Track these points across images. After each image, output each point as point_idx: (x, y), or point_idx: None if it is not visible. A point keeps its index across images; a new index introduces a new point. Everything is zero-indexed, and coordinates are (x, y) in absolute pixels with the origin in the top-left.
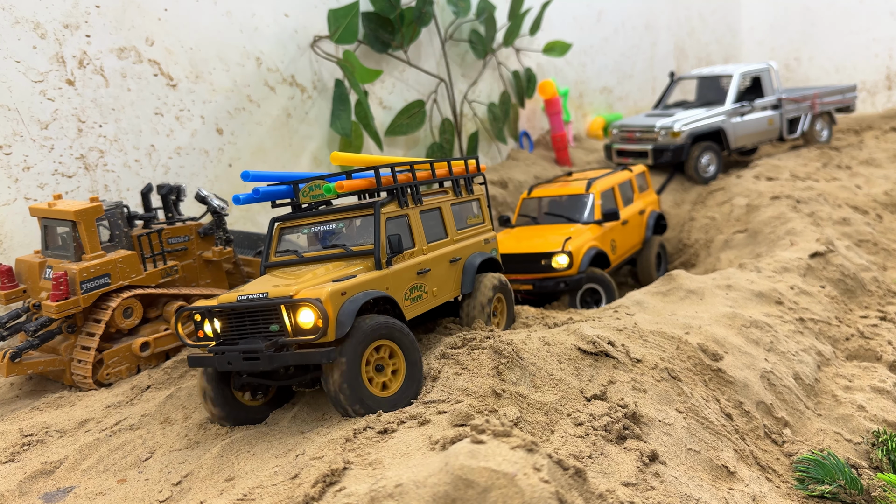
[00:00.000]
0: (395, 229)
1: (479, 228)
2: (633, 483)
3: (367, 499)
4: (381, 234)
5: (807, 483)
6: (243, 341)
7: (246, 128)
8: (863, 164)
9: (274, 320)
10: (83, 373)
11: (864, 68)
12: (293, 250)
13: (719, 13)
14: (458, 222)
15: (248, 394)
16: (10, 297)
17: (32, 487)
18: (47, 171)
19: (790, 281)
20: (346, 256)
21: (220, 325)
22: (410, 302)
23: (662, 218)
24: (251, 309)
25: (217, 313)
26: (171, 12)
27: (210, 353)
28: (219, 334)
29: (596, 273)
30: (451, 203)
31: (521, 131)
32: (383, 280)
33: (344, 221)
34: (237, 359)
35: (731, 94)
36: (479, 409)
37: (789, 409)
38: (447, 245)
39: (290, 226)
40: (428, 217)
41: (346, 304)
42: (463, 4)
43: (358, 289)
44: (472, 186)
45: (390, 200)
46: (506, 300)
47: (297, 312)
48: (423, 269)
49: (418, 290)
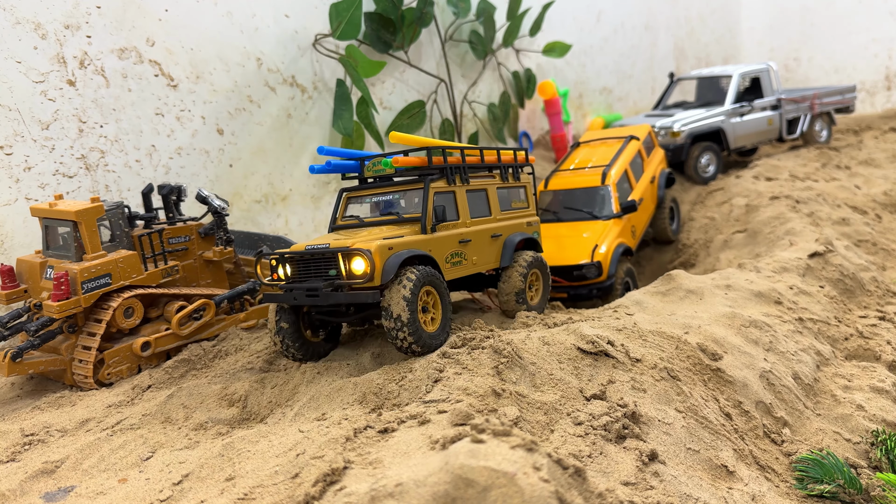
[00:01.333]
0: (442, 202)
1: (524, 212)
2: (632, 482)
3: (368, 498)
4: (428, 204)
5: (806, 482)
6: (307, 282)
7: (246, 128)
8: (862, 165)
9: (333, 266)
10: (84, 372)
11: (864, 69)
12: (356, 216)
13: (719, 13)
14: (502, 204)
15: (310, 331)
16: (11, 297)
17: (33, 487)
18: (48, 171)
19: (789, 281)
20: (399, 222)
21: (291, 269)
22: (451, 265)
23: (671, 174)
24: (315, 256)
25: (289, 259)
26: (172, 13)
27: (281, 291)
28: (289, 277)
29: (628, 269)
30: (497, 186)
31: (520, 132)
32: (427, 243)
33: (400, 193)
34: (301, 294)
35: (731, 94)
36: (479, 409)
37: (788, 408)
38: (490, 222)
39: (355, 195)
40: (474, 196)
41: (392, 257)
42: (463, 5)
43: (403, 246)
44: (519, 175)
45: (440, 178)
46: (542, 276)
47: (352, 261)
48: (465, 239)
49: (458, 257)
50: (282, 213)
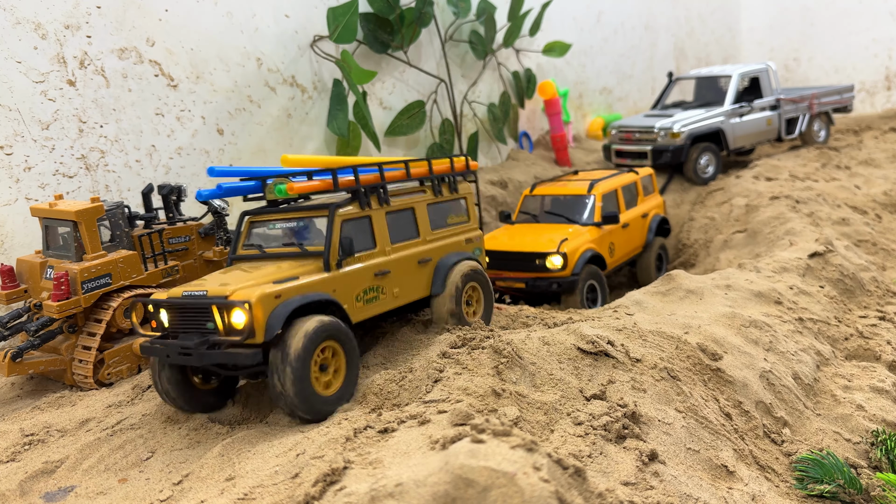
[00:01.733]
0: (354, 230)
1: (462, 227)
2: (632, 482)
3: (368, 498)
4: (333, 237)
5: (806, 482)
6: (183, 335)
7: (246, 128)
8: (862, 165)
9: (210, 318)
10: (84, 372)
11: (864, 68)
12: (258, 245)
13: (719, 13)
14: (434, 222)
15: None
16: (11, 297)
17: (33, 487)
18: (48, 171)
19: (789, 281)
20: (301, 256)
21: (168, 317)
22: (363, 304)
23: (666, 222)
24: (191, 306)
25: (165, 306)
26: (172, 13)
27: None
28: (165, 327)
29: (594, 271)
30: (427, 203)
31: (520, 132)
32: (330, 282)
33: (304, 220)
34: (175, 353)
35: (730, 94)
36: (479, 409)
37: (788, 408)
38: (417, 245)
39: (258, 220)
40: (396, 218)
41: (279, 307)
42: (463, 5)
43: (297, 291)
44: (457, 185)
45: (351, 202)
46: (482, 289)
47: (231, 313)
48: (382, 271)
49: (374, 292)
50: None
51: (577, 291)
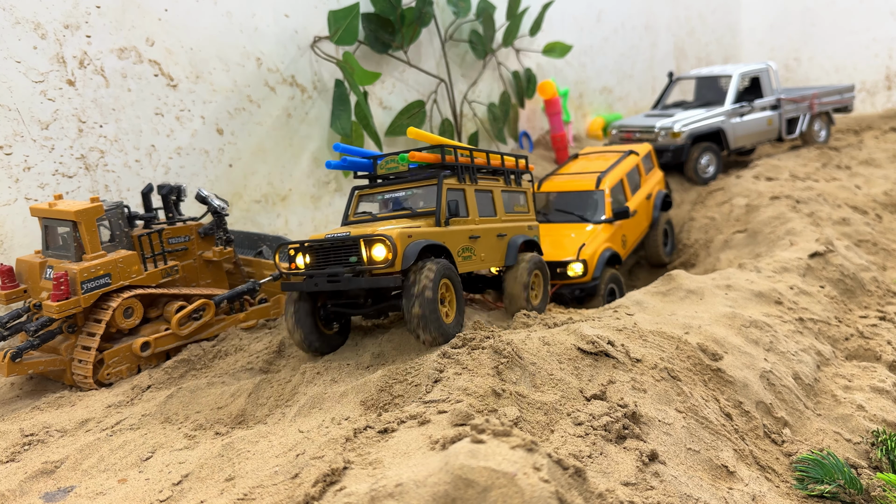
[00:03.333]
0: (453, 198)
1: (524, 216)
2: (632, 482)
3: (368, 498)
4: (442, 199)
5: (806, 483)
6: (328, 269)
7: (246, 128)
8: (862, 165)
9: (354, 253)
10: (84, 372)
11: (864, 68)
12: (368, 212)
13: (719, 13)
14: (506, 206)
15: (323, 324)
16: (10, 297)
17: (33, 487)
18: (48, 171)
19: (790, 281)
20: (412, 216)
21: (310, 258)
22: (462, 259)
23: (668, 196)
24: (336, 244)
25: (308, 248)
26: (172, 13)
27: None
28: (308, 266)
29: (614, 276)
30: (501, 189)
31: (520, 131)
32: (442, 235)
33: (412, 190)
34: (322, 280)
35: (731, 94)
36: (479, 409)
37: (789, 408)
38: (495, 222)
39: (367, 193)
40: (481, 196)
41: (411, 245)
42: (463, 5)
43: (421, 236)
44: (520, 180)
45: (451, 175)
46: (542, 278)
47: (373, 247)
48: (475, 235)
49: (469, 251)
50: (281, 213)
51: (599, 295)
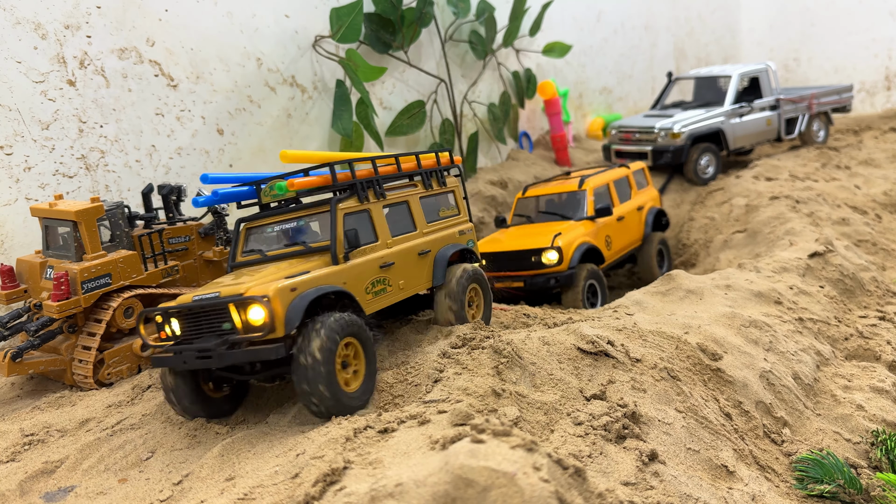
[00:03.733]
0: (355, 224)
1: (454, 220)
2: (632, 482)
3: (368, 498)
4: (337, 230)
5: (806, 482)
6: (199, 340)
7: (246, 128)
8: (862, 165)
9: (226, 318)
10: (84, 372)
11: (864, 68)
12: (258, 249)
13: (719, 13)
14: (428, 215)
15: (212, 385)
16: (11, 297)
17: (33, 487)
18: (48, 171)
19: (789, 281)
20: (306, 253)
21: (179, 325)
22: (373, 296)
23: (663, 214)
24: (204, 308)
25: (175, 314)
26: (172, 13)
27: (170, 354)
28: (177, 335)
29: (594, 270)
30: (419, 196)
31: (520, 132)
32: (340, 275)
33: (304, 219)
34: (192, 357)
35: (731, 94)
36: (479, 409)
37: (788, 408)
38: (415, 238)
39: (255, 225)
40: (394, 211)
41: (296, 300)
42: (463, 5)
43: (310, 284)
44: (444, 179)
45: (349, 196)
46: (482, 290)
47: (248, 310)
48: (387, 263)
49: (382, 284)
50: None
51: (577, 288)
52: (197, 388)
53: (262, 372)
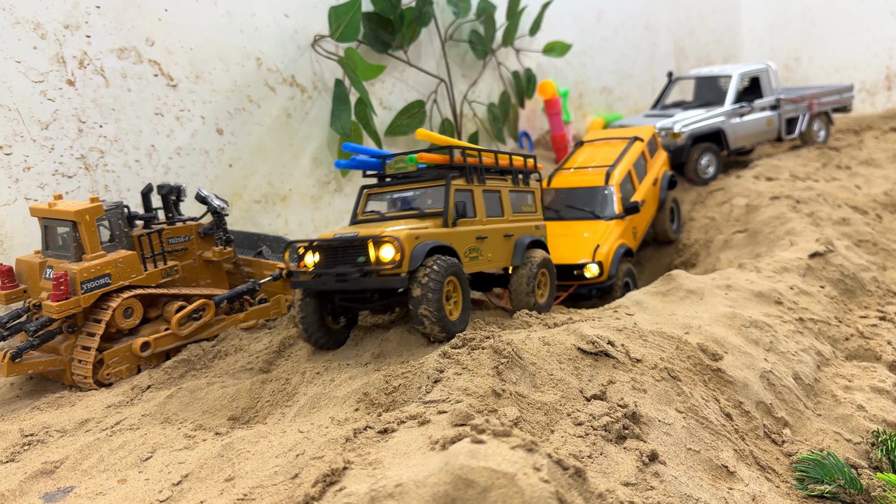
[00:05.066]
0: (461, 199)
1: (532, 216)
2: (632, 483)
3: (368, 498)
4: (450, 200)
5: (806, 483)
6: (337, 268)
7: (246, 128)
8: (862, 165)
9: (362, 253)
10: (83, 373)
11: (864, 68)
12: (377, 211)
13: (719, 13)
14: (513, 206)
15: (331, 318)
16: (10, 297)
17: (33, 487)
18: (48, 171)
19: (790, 281)
20: (420, 216)
21: (319, 257)
22: (469, 259)
23: (674, 176)
24: (344, 244)
25: (317, 247)
26: (172, 13)
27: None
28: (317, 265)
29: (628, 270)
30: (508, 189)
31: (520, 131)
32: (449, 235)
33: (420, 190)
34: (331, 280)
35: (731, 94)
36: (479, 409)
37: (789, 408)
38: (503, 222)
39: (376, 192)
40: (489, 196)
41: (419, 246)
42: (463, 5)
43: (429, 237)
44: (528, 180)
45: (459, 176)
46: (549, 275)
47: (381, 248)
48: (482, 236)
49: (475, 252)
50: (281, 213)
51: (616, 291)
52: (321, 320)
53: (379, 302)
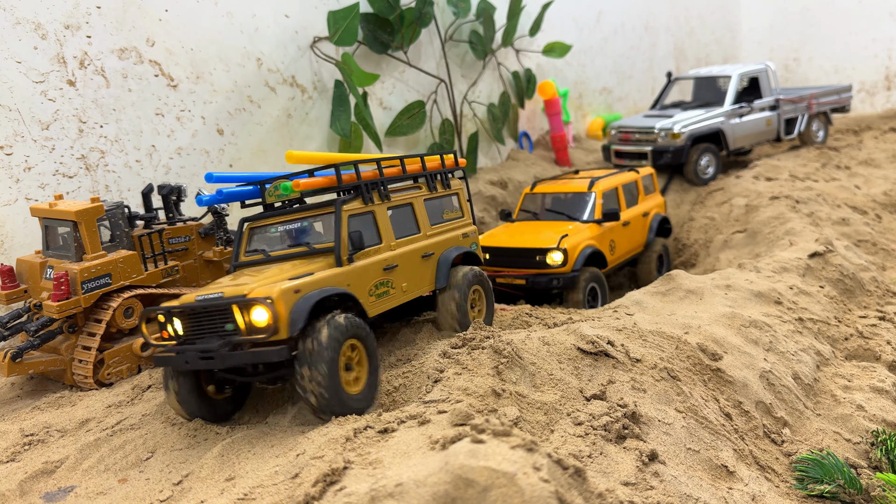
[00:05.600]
0: (359, 226)
1: (458, 223)
2: (632, 482)
3: (368, 498)
4: (342, 232)
5: (806, 483)
6: (201, 340)
7: (246, 128)
8: (862, 165)
9: (229, 319)
10: (84, 372)
11: (864, 69)
12: (261, 249)
13: (719, 13)
14: (432, 217)
15: (214, 388)
16: (11, 297)
17: (33, 487)
18: (48, 171)
19: (789, 281)
20: (309, 254)
21: (182, 325)
22: (375, 298)
23: (667, 221)
24: (207, 309)
25: (178, 313)
26: (172, 13)
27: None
28: (180, 334)
29: (595, 274)
30: (424, 198)
31: (520, 132)
32: (344, 277)
33: (308, 220)
34: (194, 358)
35: (730, 94)
36: (479, 409)
37: (788, 408)
38: (419, 240)
39: (258, 225)
40: (398, 213)
41: (300, 301)
42: (463, 5)
43: (314, 286)
44: (449, 181)
45: (354, 197)
46: (484, 292)
47: (251, 311)
48: (390, 266)
49: (385, 286)
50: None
51: (579, 289)
52: (199, 390)
53: (265, 374)
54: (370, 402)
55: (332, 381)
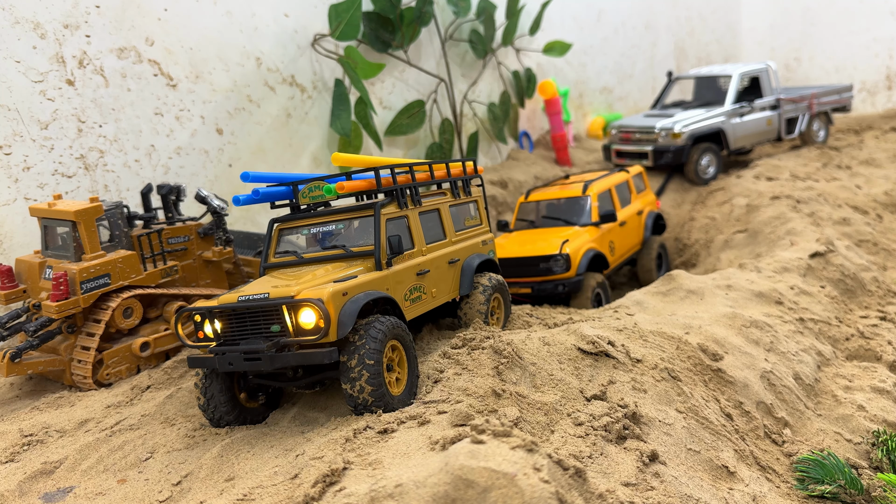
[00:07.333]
0: (395, 230)
1: (477, 230)
2: (633, 483)
3: (367, 499)
4: (381, 235)
5: (807, 483)
6: (244, 342)
7: (246, 128)
8: (863, 164)
9: (275, 320)
10: (83, 373)
11: (864, 68)
12: (292, 251)
13: (719, 13)
14: (456, 224)
15: (246, 395)
16: (10, 297)
17: (32, 487)
18: (47, 171)
19: (790, 281)
20: (345, 257)
21: (221, 325)
22: (410, 303)
23: (661, 218)
24: (252, 309)
25: (217, 314)
26: (171, 12)
27: (210, 354)
28: (219, 335)
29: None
30: (449, 205)
31: (521, 131)
32: (384, 281)
33: (343, 222)
34: (238, 359)
35: (731, 94)
36: (479, 409)
37: (789, 409)
38: (446, 246)
39: (289, 227)
40: (427, 218)
41: (348, 304)
42: (463, 4)
43: (359, 289)
44: (469, 188)
45: (390, 202)
46: (503, 300)
47: (299, 313)
48: (423, 270)
49: (418, 291)
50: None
51: (586, 295)
52: (233, 397)
53: (305, 378)
54: (411, 396)
55: (379, 381)
